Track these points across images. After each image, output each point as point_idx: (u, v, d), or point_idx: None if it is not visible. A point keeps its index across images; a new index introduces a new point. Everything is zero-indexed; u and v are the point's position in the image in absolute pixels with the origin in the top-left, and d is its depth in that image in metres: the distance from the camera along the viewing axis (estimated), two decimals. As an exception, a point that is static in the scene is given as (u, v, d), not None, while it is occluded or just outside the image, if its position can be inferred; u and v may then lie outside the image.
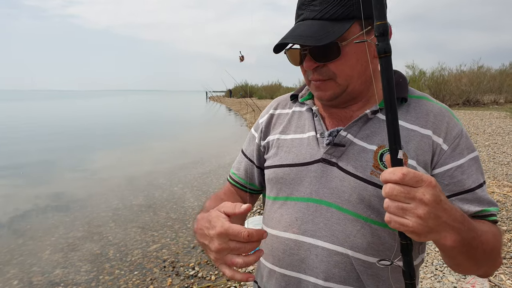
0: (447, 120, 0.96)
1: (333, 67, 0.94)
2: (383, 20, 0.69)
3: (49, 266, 3.99)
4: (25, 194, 6.76)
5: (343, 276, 0.93)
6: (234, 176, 1.24)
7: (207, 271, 3.76)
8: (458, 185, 0.91)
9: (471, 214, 0.91)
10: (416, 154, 0.92)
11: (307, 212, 0.98)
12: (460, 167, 0.92)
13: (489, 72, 21.80)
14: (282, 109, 1.17)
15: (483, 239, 0.82)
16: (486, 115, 15.15)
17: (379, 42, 0.70)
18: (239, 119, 22.48)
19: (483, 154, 8.01)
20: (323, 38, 0.88)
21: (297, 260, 0.98)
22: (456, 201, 0.92)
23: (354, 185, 0.93)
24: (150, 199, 6.21)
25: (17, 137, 13.96)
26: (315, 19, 0.92)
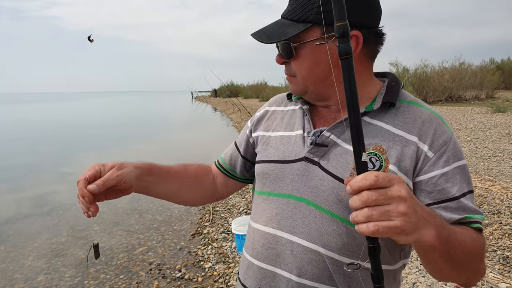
0: (435, 127, 0.95)
1: (293, 65, 0.99)
2: (343, 21, 0.68)
3: (32, 273, 3.92)
4: (7, 199, 6.63)
5: (315, 274, 0.95)
6: (220, 160, 1.29)
7: (193, 272, 3.74)
8: (442, 193, 0.91)
9: (454, 221, 0.90)
10: (398, 160, 0.92)
11: (286, 208, 1.00)
12: (445, 175, 0.91)
13: (470, 68, 22.14)
14: (277, 106, 1.19)
15: (458, 238, 0.82)
16: (468, 110, 15.43)
17: (340, 44, 0.69)
18: (225, 119, 22.43)
19: (465, 149, 8.16)
20: (275, 36, 0.95)
21: (273, 254, 1.00)
22: (439, 209, 0.91)
23: (333, 185, 0.94)
24: (135, 202, 6.14)
25: (-2, 141, 13.67)
26: (284, 18, 0.98)
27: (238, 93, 45.46)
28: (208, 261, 3.93)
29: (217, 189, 1.27)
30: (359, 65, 0.98)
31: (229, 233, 4.50)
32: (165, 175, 1.14)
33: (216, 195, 1.28)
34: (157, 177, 1.11)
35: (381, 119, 0.97)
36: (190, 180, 1.21)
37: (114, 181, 0.96)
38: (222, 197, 1.30)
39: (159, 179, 1.12)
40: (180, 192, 1.19)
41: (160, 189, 1.13)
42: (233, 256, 3.95)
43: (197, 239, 4.59)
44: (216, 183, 1.27)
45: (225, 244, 4.27)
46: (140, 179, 1.05)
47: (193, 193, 1.23)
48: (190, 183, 1.21)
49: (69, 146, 12.31)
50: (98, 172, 0.97)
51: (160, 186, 1.13)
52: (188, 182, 1.20)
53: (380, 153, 0.93)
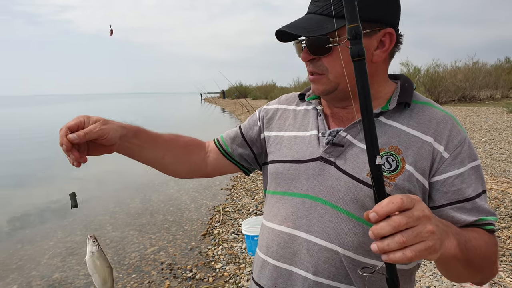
0: (450, 128, 0.95)
1: (326, 62, 0.96)
2: (355, 22, 0.69)
3: (48, 270, 4.01)
4: (23, 199, 6.78)
5: (332, 272, 0.95)
6: (221, 140, 1.26)
7: (204, 273, 3.78)
8: (457, 193, 0.92)
9: (468, 223, 0.92)
10: (414, 160, 0.92)
11: (302, 208, 1.00)
12: (461, 175, 0.92)
13: (484, 67, 21.78)
14: (288, 105, 1.19)
15: (474, 244, 0.84)
16: (482, 111, 15.19)
17: (352, 46, 0.70)
18: (234, 119, 22.47)
19: (480, 151, 8.04)
20: (314, 30, 0.92)
21: (289, 253, 1.00)
22: (454, 209, 0.92)
23: (349, 185, 0.95)
24: (147, 202, 6.23)
25: (13, 143, 13.92)
26: (316, 14, 0.95)
27: (246, 94, 45.43)
28: (218, 262, 3.96)
29: (206, 166, 1.24)
30: (383, 63, 1.00)
31: (239, 234, 4.54)
32: (152, 141, 1.13)
33: (204, 172, 1.25)
34: (143, 141, 1.10)
35: (396, 119, 0.97)
36: (178, 150, 1.19)
37: (96, 134, 0.95)
38: (210, 175, 1.27)
39: (145, 143, 1.11)
40: (163, 160, 1.16)
41: (145, 153, 1.12)
42: (244, 257, 3.98)
43: (207, 239, 4.64)
44: (206, 160, 1.24)
45: (236, 245, 4.30)
46: (124, 139, 1.05)
47: (179, 164, 1.21)
48: (177, 154, 1.19)
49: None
50: (81, 123, 0.95)
51: (146, 151, 1.11)
52: (176, 152, 1.18)
53: (396, 153, 0.93)
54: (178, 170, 1.22)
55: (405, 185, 0.92)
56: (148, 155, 1.13)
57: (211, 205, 5.96)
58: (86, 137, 0.94)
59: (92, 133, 0.95)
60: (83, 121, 0.96)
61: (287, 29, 0.95)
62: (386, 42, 0.95)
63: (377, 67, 0.99)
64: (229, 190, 6.77)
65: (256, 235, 2.76)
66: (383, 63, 1.01)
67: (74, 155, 0.93)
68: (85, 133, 0.94)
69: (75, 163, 0.94)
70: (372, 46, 0.95)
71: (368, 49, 0.93)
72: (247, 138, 1.22)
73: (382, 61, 0.99)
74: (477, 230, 0.91)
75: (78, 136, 0.92)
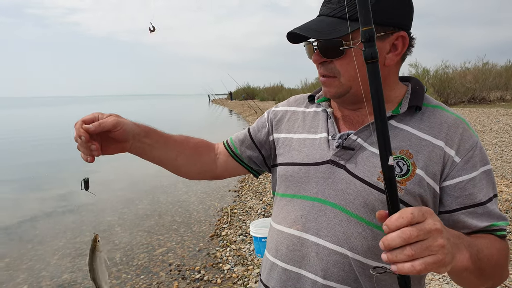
0: (461, 132, 0.94)
1: (338, 65, 0.95)
2: (368, 25, 0.70)
3: (58, 271, 4.04)
4: (33, 199, 6.84)
5: (341, 276, 0.95)
6: (230, 142, 1.27)
7: (213, 274, 3.79)
8: (469, 198, 0.91)
9: (479, 229, 0.91)
10: (425, 165, 0.92)
11: (312, 211, 1.00)
12: (472, 180, 0.91)
13: (494, 68, 21.57)
14: (297, 107, 1.18)
15: (486, 253, 0.84)
16: (492, 112, 15.03)
17: (366, 48, 0.70)
18: (242, 121, 22.50)
19: (490, 152, 7.96)
20: (327, 33, 0.91)
21: (298, 256, 1.00)
22: (465, 214, 0.92)
23: (360, 188, 0.94)
24: (155, 203, 6.26)
25: (23, 144, 14.08)
26: (329, 16, 0.95)
27: (254, 96, 45.46)
28: (226, 263, 3.97)
29: (216, 168, 1.25)
30: (395, 67, 1.00)
31: (247, 236, 4.54)
32: (163, 141, 1.13)
33: (214, 173, 1.26)
34: (154, 141, 1.11)
35: (407, 123, 0.97)
36: (189, 152, 1.20)
37: (111, 124, 0.97)
38: (220, 176, 1.28)
39: (156, 143, 1.11)
40: (176, 162, 1.18)
41: (156, 153, 1.13)
42: (252, 259, 3.98)
43: (215, 241, 4.64)
44: (216, 162, 1.25)
45: (244, 247, 4.30)
46: (137, 138, 1.06)
47: (190, 165, 1.21)
48: (188, 155, 1.19)
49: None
50: (96, 118, 0.97)
51: (157, 150, 1.12)
52: (187, 153, 1.19)
53: (407, 157, 0.93)
54: (190, 171, 1.23)
55: (415, 190, 0.91)
56: (160, 155, 1.14)
57: (219, 206, 5.97)
58: (101, 127, 0.96)
59: (107, 122, 0.97)
60: (97, 116, 0.98)
61: (299, 31, 0.95)
62: (398, 45, 0.95)
63: (389, 70, 0.99)
64: (237, 191, 6.78)
65: (264, 237, 2.76)
66: (395, 67, 1.00)
67: (95, 145, 0.95)
68: (100, 123, 0.96)
69: (90, 157, 0.96)
70: (385, 50, 0.95)
71: (381, 53, 0.93)
72: (256, 140, 1.22)
73: (394, 64, 0.98)
74: (489, 237, 0.91)
75: (94, 125, 0.94)
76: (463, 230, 0.92)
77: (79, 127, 0.94)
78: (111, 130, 0.98)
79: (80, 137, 0.94)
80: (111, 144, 1.03)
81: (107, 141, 1.02)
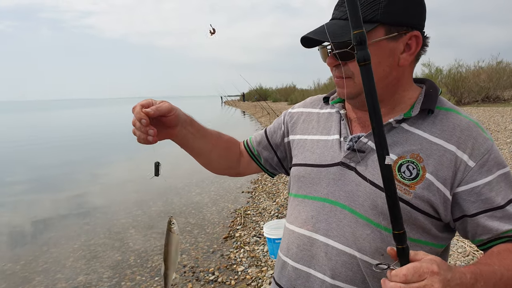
0: (475, 136, 0.93)
1: (352, 67, 0.96)
2: (359, 29, 0.71)
3: (73, 273, 4.08)
4: (48, 203, 6.93)
5: (349, 276, 0.96)
6: (250, 143, 1.32)
7: (227, 275, 3.78)
8: (486, 202, 0.90)
9: (499, 233, 0.90)
10: (435, 169, 0.91)
11: (322, 212, 1.01)
12: (488, 184, 0.90)
13: (509, 67, 21.25)
14: (312, 108, 1.20)
15: (506, 280, 0.83)
16: (507, 111, 14.78)
17: (358, 51, 0.72)
18: (255, 122, 22.51)
19: (505, 152, 7.82)
20: (339, 36, 0.92)
21: (308, 256, 1.02)
22: (484, 218, 0.91)
23: (369, 191, 0.95)
24: (169, 205, 6.28)
25: (36, 147, 14.30)
26: (341, 19, 0.96)
27: (266, 97, 45.52)
28: (240, 265, 3.96)
29: (239, 166, 1.31)
30: (409, 67, 1.00)
31: (261, 237, 4.52)
32: (203, 132, 1.17)
33: (236, 171, 1.32)
34: (196, 131, 1.14)
35: (419, 126, 0.97)
36: (222, 147, 1.24)
37: (166, 109, 1.00)
38: (242, 174, 1.34)
39: (198, 133, 1.15)
40: (211, 154, 1.22)
41: (196, 143, 1.16)
42: (265, 260, 3.96)
43: (229, 242, 4.64)
44: (240, 160, 1.30)
45: (257, 248, 4.29)
46: (183, 125, 1.09)
47: (221, 160, 1.26)
48: (221, 150, 1.24)
49: (105, 151, 12.74)
50: (150, 103, 1.00)
51: (197, 141, 1.16)
52: (220, 148, 1.23)
53: (417, 161, 0.93)
54: (219, 166, 1.28)
55: (424, 194, 0.91)
56: (199, 146, 1.18)
57: (233, 208, 5.96)
58: (158, 110, 0.98)
59: (163, 107, 0.99)
60: (151, 101, 1.00)
61: (313, 36, 0.96)
62: (412, 45, 0.96)
63: (403, 70, 0.99)
64: (250, 193, 6.76)
65: (278, 238, 2.75)
66: (409, 67, 1.00)
67: (153, 129, 0.97)
68: (157, 107, 0.98)
69: (153, 138, 0.98)
70: (399, 50, 0.95)
71: (395, 53, 0.94)
72: (272, 141, 1.26)
73: (409, 64, 0.99)
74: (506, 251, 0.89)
75: (152, 109, 0.97)
76: (484, 235, 0.92)
77: (140, 110, 0.96)
78: (166, 114, 1.01)
79: (140, 121, 0.95)
80: (162, 129, 1.05)
81: (158, 126, 1.03)
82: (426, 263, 0.73)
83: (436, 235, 0.97)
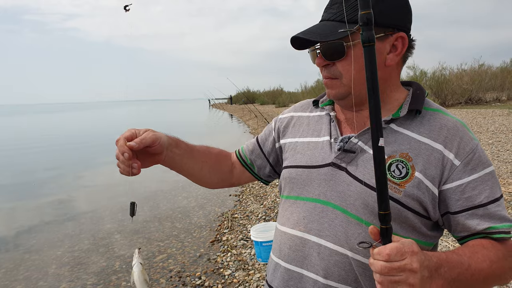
0: (461, 135, 0.96)
1: (340, 67, 0.99)
2: (367, 9, 0.73)
3: (56, 280, 3.99)
4: (30, 208, 6.78)
5: (342, 276, 0.97)
6: (241, 152, 1.33)
7: (213, 280, 3.74)
8: (469, 200, 0.93)
9: (477, 231, 0.93)
10: (424, 168, 0.94)
11: (314, 212, 1.02)
12: (472, 182, 0.93)
13: (490, 70, 21.71)
14: (303, 112, 1.22)
15: (472, 271, 0.86)
16: (489, 113, 15.08)
17: (363, 31, 0.73)
18: (243, 124, 22.50)
19: (487, 153, 7.97)
20: (328, 35, 0.96)
21: (300, 256, 1.03)
22: (465, 216, 0.93)
23: (360, 190, 0.97)
24: (155, 210, 6.21)
25: (20, 152, 14.02)
26: (330, 20, 1.00)
27: (254, 100, 45.57)
28: (227, 268, 3.92)
29: (232, 176, 1.32)
30: (396, 68, 1.03)
31: (248, 240, 4.50)
32: (190, 151, 1.18)
33: (230, 182, 1.33)
34: (184, 151, 1.15)
35: (407, 127, 0.99)
36: (212, 162, 1.25)
37: (151, 139, 1.01)
38: (235, 184, 1.35)
39: (185, 153, 1.16)
40: (202, 172, 1.23)
41: (185, 164, 1.17)
42: (253, 263, 3.94)
43: (216, 246, 4.60)
44: (233, 171, 1.32)
45: (244, 251, 4.26)
46: (169, 149, 1.10)
47: (213, 175, 1.27)
48: (211, 165, 1.25)
49: (88, 155, 12.55)
50: (134, 134, 1.01)
51: (186, 161, 1.17)
52: (210, 163, 1.24)
53: (407, 160, 0.95)
54: (212, 181, 1.29)
55: (414, 192, 0.93)
56: (189, 165, 1.19)
57: (220, 211, 5.93)
58: (142, 143, 1.00)
59: (147, 139, 1.01)
60: (135, 132, 1.02)
61: (302, 35, 0.99)
62: (398, 46, 0.99)
63: (390, 71, 1.02)
64: (237, 196, 6.74)
65: (265, 241, 2.74)
66: (396, 68, 1.04)
67: (137, 163, 0.99)
68: (141, 139, 1.00)
69: (137, 170, 0.99)
70: (385, 50, 0.98)
71: (381, 53, 0.97)
72: (264, 149, 1.28)
73: (395, 65, 1.02)
74: (485, 245, 0.92)
75: (136, 143, 0.99)
76: (462, 233, 0.96)
77: (123, 144, 0.98)
78: (150, 145, 1.03)
79: (123, 154, 0.97)
80: (147, 157, 1.07)
81: (143, 155, 1.05)
82: (407, 244, 0.77)
83: (426, 233, 0.99)
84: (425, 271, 0.78)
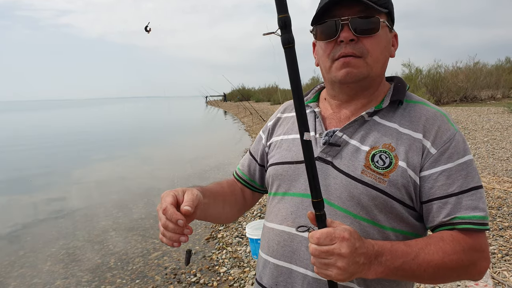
0: (439, 124, 0.98)
1: (367, 44, 0.97)
2: (284, 13, 0.77)
3: (50, 278, 3.97)
4: (24, 205, 6.75)
5: None
6: (238, 172, 1.32)
7: (209, 277, 3.74)
8: (441, 189, 0.93)
9: (441, 222, 0.93)
10: (406, 157, 0.95)
11: (301, 207, 1.03)
12: (446, 171, 0.93)
13: (485, 68, 21.84)
14: (289, 112, 1.23)
15: (420, 261, 0.87)
16: (484, 111, 15.16)
17: (282, 34, 0.78)
18: (238, 121, 22.48)
19: (482, 150, 8.01)
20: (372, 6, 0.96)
21: (289, 252, 1.03)
22: (436, 204, 0.93)
23: (345, 183, 0.97)
24: (150, 206, 6.19)
25: (15, 149, 13.93)
26: None
27: (249, 97, 45.51)
28: (223, 266, 3.93)
29: (246, 201, 1.29)
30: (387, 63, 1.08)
31: (244, 237, 4.50)
32: (212, 196, 1.11)
33: (246, 206, 1.30)
34: (208, 199, 1.08)
35: (389, 119, 1.02)
36: (229, 197, 1.21)
37: (197, 199, 0.93)
38: (250, 206, 1.33)
39: (210, 200, 1.08)
40: (224, 210, 1.18)
41: (212, 210, 1.10)
42: (248, 261, 3.94)
43: (211, 243, 4.60)
44: (244, 196, 1.29)
45: (240, 249, 4.26)
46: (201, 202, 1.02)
47: (233, 209, 1.23)
48: (229, 200, 1.21)
49: (83, 152, 12.48)
50: (175, 198, 0.91)
51: (212, 207, 1.10)
52: (228, 200, 1.21)
53: (389, 150, 0.97)
54: (234, 214, 1.26)
55: (398, 180, 0.94)
56: (214, 211, 1.13)
57: (214, 209, 5.92)
58: (194, 205, 0.91)
59: (195, 199, 0.92)
60: (175, 195, 0.92)
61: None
62: (395, 43, 1.07)
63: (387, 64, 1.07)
64: (232, 193, 6.73)
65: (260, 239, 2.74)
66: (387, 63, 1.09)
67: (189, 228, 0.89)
68: (192, 201, 0.91)
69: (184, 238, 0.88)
70: (391, 42, 1.06)
71: (390, 43, 1.05)
72: (258, 158, 1.27)
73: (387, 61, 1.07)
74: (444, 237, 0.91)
75: (190, 206, 0.89)
76: (431, 223, 0.96)
77: (174, 211, 0.87)
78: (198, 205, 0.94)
79: (176, 222, 0.86)
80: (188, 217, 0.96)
81: None
82: (339, 230, 0.81)
83: (413, 224, 0.99)
84: (360, 258, 0.81)
